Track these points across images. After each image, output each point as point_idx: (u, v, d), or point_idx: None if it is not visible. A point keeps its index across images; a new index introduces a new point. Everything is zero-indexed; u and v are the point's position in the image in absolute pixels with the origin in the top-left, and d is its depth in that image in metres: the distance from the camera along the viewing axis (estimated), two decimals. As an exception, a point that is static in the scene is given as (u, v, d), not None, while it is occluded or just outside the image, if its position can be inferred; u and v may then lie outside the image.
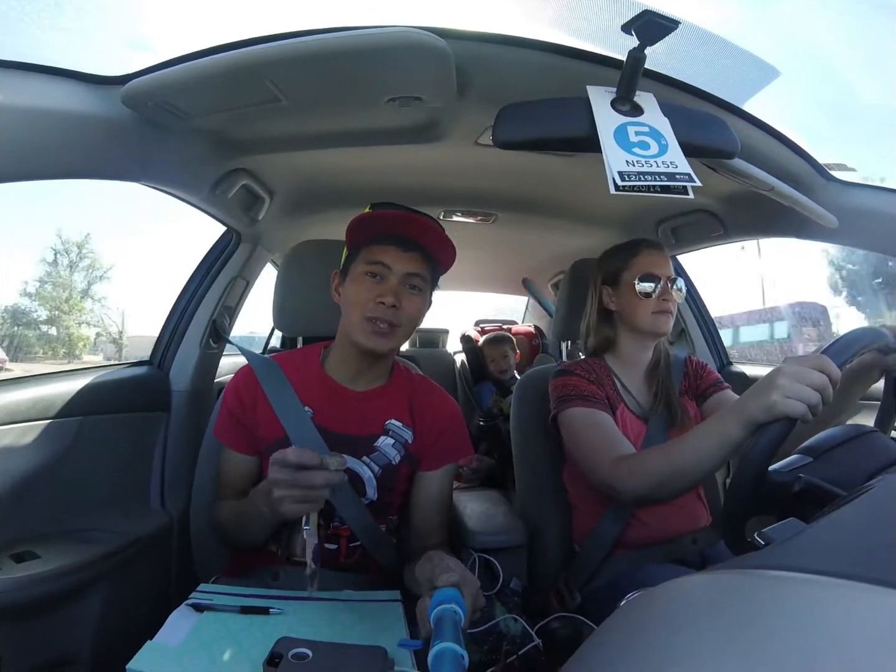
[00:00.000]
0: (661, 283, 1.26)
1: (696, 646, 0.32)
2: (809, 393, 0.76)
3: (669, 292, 1.27)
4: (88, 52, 0.94)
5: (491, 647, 1.04)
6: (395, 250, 1.04)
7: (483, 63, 0.94)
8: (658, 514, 1.22)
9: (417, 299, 1.07)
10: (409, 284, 1.05)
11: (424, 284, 1.08)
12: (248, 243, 1.65)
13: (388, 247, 1.04)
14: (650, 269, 1.27)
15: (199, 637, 0.82)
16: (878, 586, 0.32)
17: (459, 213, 1.88)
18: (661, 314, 1.27)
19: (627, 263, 1.31)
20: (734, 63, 0.99)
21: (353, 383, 1.12)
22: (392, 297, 1.01)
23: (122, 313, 26.56)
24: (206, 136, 1.15)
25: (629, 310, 1.29)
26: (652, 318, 1.27)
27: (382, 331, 1.02)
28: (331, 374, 1.13)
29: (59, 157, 0.89)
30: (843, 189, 1.29)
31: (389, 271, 1.03)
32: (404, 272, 1.04)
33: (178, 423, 1.53)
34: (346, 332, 1.07)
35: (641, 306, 1.27)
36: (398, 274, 1.03)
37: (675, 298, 1.27)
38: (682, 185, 0.82)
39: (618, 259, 1.33)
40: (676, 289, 1.28)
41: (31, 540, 1.13)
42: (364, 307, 1.02)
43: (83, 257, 26.10)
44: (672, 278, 1.28)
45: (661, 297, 1.26)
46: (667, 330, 1.29)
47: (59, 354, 24.18)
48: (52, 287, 25.51)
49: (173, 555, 1.44)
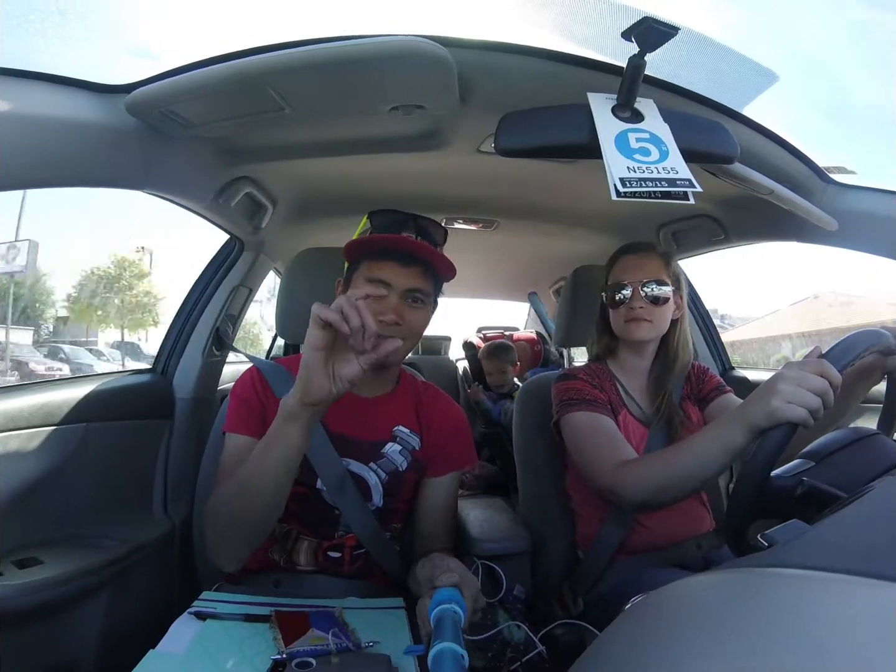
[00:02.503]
0: (631, 290, 1.25)
1: (704, 644, 0.32)
2: (810, 398, 0.76)
3: (640, 298, 1.24)
4: (93, 61, 0.94)
5: (494, 655, 1.04)
6: (394, 266, 1.01)
7: (485, 71, 0.95)
8: (661, 520, 1.21)
9: (420, 311, 1.05)
10: (410, 298, 1.03)
11: (427, 297, 1.06)
12: (251, 251, 1.65)
13: (387, 262, 1.02)
14: (620, 277, 1.27)
15: (203, 645, 0.82)
16: (884, 581, 0.32)
17: (461, 220, 1.89)
18: (631, 322, 1.25)
19: (609, 272, 1.32)
20: (734, 68, 0.99)
21: (360, 389, 1.12)
22: (392, 315, 0.99)
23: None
24: (210, 144, 1.15)
25: (611, 319, 1.31)
26: (624, 326, 1.26)
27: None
28: None
29: (63, 165, 0.90)
30: (843, 192, 1.29)
31: (390, 288, 1.01)
32: (404, 288, 1.02)
33: (181, 431, 1.53)
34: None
35: (615, 315, 1.28)
36: (398, 290, 1.01)
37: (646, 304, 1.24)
38: (683, 190, 0.82)
39: (606, 267, 1.35)
40: (650, 294, 1.24)
41: (35, 546, 1.14)
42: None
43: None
44: (644, 282, 1.24)
45: (629, 305, 1.25)
46: (639, 337, 1.26)
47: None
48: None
49: (176, 562, 1.44)
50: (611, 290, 1.28)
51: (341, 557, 1.08)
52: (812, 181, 1.27)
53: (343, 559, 1.08)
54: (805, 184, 1.26)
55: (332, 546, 1.08)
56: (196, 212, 1.34)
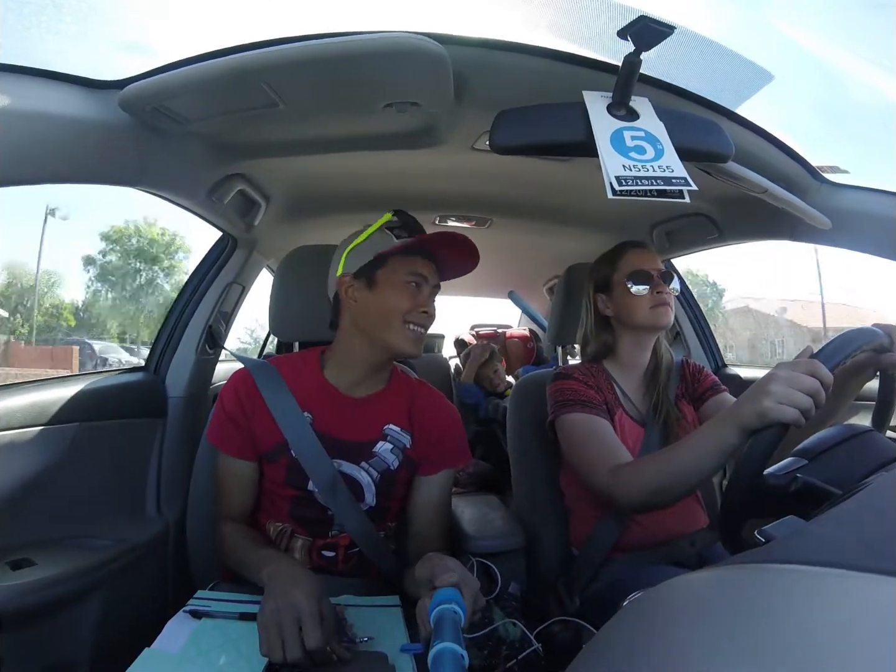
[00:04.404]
0: (654, 278, 1.27)
1: (704, 640, 0.33)
2: (801, 398, 0.77)
3: (663, 285, 1.27)
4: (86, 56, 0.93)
5: (490, 652, 1.04)
6: (425, 262, 1.08)
7: (480, 68, 0.95)
8: (656, 517, 1.21)
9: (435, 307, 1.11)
10: (433, 294, 1.10)
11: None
12: (243, 249, 1.64)
13: (418, 258, 1.07)
14: (639, 266, 1.28)
15: (198, 644, 0.82)
16: (884, 576, 0.33)
17: (454, 217, 1.89)
18: (660, 307, 1.26)
19: (615, 266, 1.31)
20: (728, 67, 1.00)
21: (353, 389, 1.12)
22: (431, 307, 1.08)
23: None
24: (204, 140, 1.15)
25: (625, 311, 1.29)
26: (651, 312, 1.26)
27: (421, 337, 1.07)
28: (330, 380, 1.12)
29: (55, 161, 0.89)
30: (836, 191, 1.30)
31: (426, 282, 1.08)
32: (435, 283, 1.10)
33: (173, 429, 1.52)
34: (379, 336, 1.06)
35: (638, 304, 1.27)
36: (431, 284, 1.09)
37: (670, 292, 1.28)
38: (678, 189, 0.83)
39: (605, 265, 1.34)
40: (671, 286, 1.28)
41: (28, 547, 1.13)
42: (407, 314, 1.04)
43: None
44: (663, 272, 1.28)
45: (655, 291, 1.26)
46: (667, 322, 1.28)
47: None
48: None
49: (170, 561, 1.43)
50: (632, 279, 1.27)
51: (335, 557, 1.08)
52: (806, 180, 1.28)
53: (337, 558, 1.08)
54: (799, 183, 1.27)
55: (327, 545, 1.08)
56: (189, 209, 1.33)
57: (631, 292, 1.26)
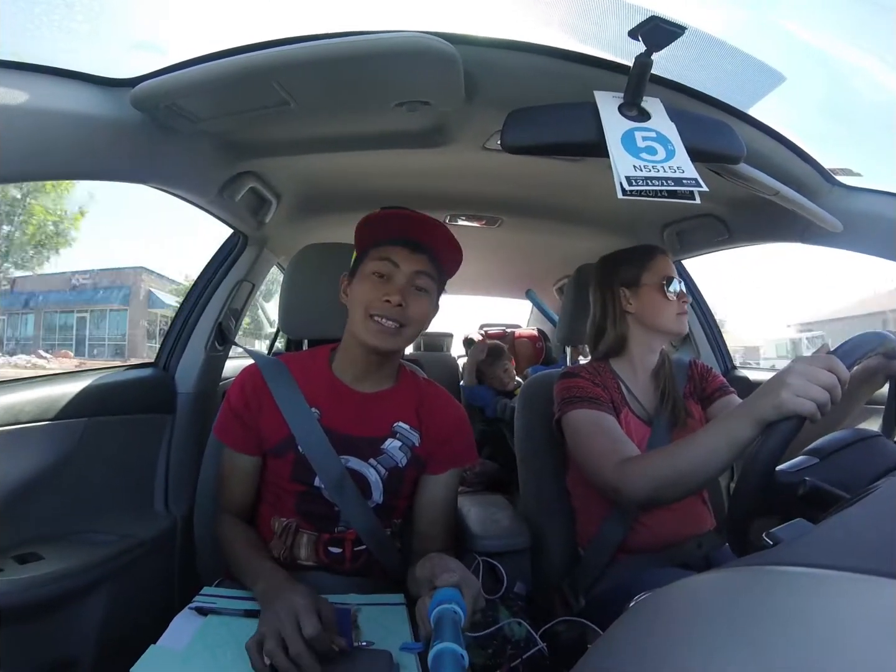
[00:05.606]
0: (682, 286, 1.30)
1: (710, 642, 0.33)
2: (819, 391, 0.77)
3: (686, 295, 1.31)
4: (98, 54, 0.94)
5: (495, 652, 1.04)
6: (403, 250, 1.05)
7: (491, 68, 0.95)
8: (662, 519, 1.21)
9: (424, 301, 1.07)
10: (415, 286, 1.05)
11: (431, 285, 1.08)
12: (254, 246, 1.65)
13: (396, 247, 1.05)
14: (668, 272, 1.31)
15: (204, 641, 0.82)
16: (889, 579, 0.33)
17: (465, 217, 1.89)
18: (683, 315, 1.30)
19: (646, 266, 1.32)
20: (740, 68, 0.99)
21: (360, 384, 1.12)
22: (398, 296, 1.01)
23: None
24: (215, 138, 1.15)
25: (652, 311, 1.30)
26: (676, 318, 1.29)
27: (388, 329, 1.02)
28: (338, 376, 1.12)
29: (67, 158, 0.90)
30: (848, 194, 1.29)
31: (397, 270, 1.04)
32: (412, 270, 1.05)
33: (182, 426, 1.53)
34: (352, 331, 1.07)
35: (667, 308, 1.29)
36: (406, 273, 1.04)
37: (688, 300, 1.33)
38: (689, 190, 0.82)
39: (636, 262, 1.34)
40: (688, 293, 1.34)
41: (35, 541, 1.13)
42: (370, 305, 1.02)
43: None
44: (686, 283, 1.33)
45: (681, 300, 1.30)
46: (686, 330, 1.33)
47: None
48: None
49: (176, 558, 1.44)
50: (667, 284, 1.29)
51: (342, 553, 1.08)
52: (817, 182, 1.27)
53: (344, 555, 1.08)
54: (810, 185, 1.26)
55: (333, 540, 1.08)
56: (201, 206, 1.34)
57: (665, 296, 1.29)
